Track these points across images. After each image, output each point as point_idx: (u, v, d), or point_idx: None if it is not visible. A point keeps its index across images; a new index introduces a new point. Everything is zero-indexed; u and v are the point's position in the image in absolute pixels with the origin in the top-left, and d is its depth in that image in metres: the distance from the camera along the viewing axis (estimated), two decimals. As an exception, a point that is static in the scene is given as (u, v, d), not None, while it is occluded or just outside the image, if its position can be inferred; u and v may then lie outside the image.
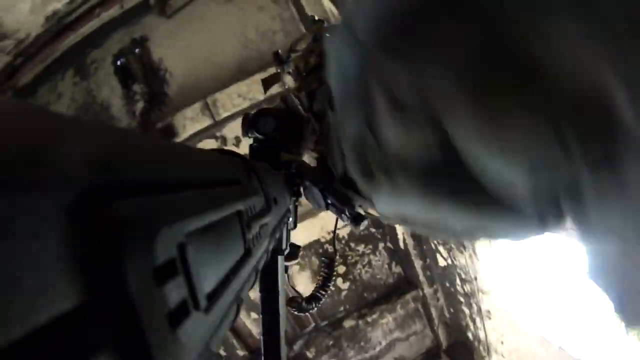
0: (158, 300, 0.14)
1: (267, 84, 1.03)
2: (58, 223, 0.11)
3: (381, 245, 3.43)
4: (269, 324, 0.68)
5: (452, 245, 2.91)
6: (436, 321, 3.59)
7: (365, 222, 0.75)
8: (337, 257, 1.05)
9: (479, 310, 3.00)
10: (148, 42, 2.83)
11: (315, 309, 1.03)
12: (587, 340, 2.00)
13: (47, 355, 0.10)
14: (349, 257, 3.36)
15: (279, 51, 1.01)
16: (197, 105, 2.76)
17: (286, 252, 0.76)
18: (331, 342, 3.40)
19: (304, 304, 1.01)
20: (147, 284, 0.14)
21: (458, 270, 3.06)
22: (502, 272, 2.53)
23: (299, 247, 0.88)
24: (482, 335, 3.13)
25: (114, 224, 0.12)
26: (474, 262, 2.78)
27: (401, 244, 3.37)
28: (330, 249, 3.22)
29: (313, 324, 3.44)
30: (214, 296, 0.21)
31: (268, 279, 0.68)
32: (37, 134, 0.11)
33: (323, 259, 1.06)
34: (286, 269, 0.80)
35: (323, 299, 1.02)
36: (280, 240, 0.70)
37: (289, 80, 0.94)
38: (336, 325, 3.42)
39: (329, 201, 0.76)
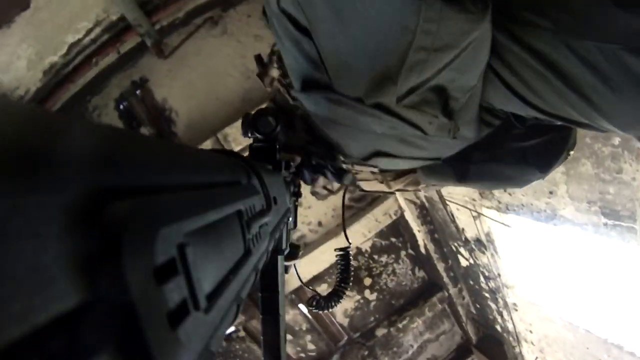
0: (158, 300, 0.14)
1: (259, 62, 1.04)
2: (58, 223, 0.11)
3: (403, 253, 3.53)
4: (269, 324, 0.68)
5: (473, 246, 2.97)
6: (464, 318, 3.73)
7: (349, 176, 0.76)
8: (353, 259, 1.05)
9: (505, 304, 3.08)
10: (148, 82, 2.84)
11: (336, 306, 1.03)
12: (611, 321, 2.07)
13: (47, 355, 0.10)
14: (374, 269, 3.46)
15: (261, 54, 1.03)
16: (209, 142, 2.78)
17: (286, 252, 0.76)
18: (366, 353, 3.52)
19: (322, 302, 1.01)
20: (147, 284, 0.14)
21: (481, 269, 3.12)
22: (524, 266, 2.60)
23: (298, 246, 0.88)
24: (510, 326, 3.22)
25: (114, 224, 0.12)
26: (495, 260, 2.84)
27: (422, 250, 3.45)
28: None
29: (346, 337, 3.56)
30: (214, 296, 0.21)
31: (268, 279, 0.68)
32: (37, 135, 0.11)
33: (335, 250, 1.06)
34: (286, 268, 0.81)
35: (344, 294, 1.01)
36: (280, 240, 0.70)
37: (274, 73, 0.95)
38: (369, 336, 3.53)
39: (313, 162, 0.77)
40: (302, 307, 3.32)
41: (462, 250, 3.20)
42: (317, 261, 3.13)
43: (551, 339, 2.77)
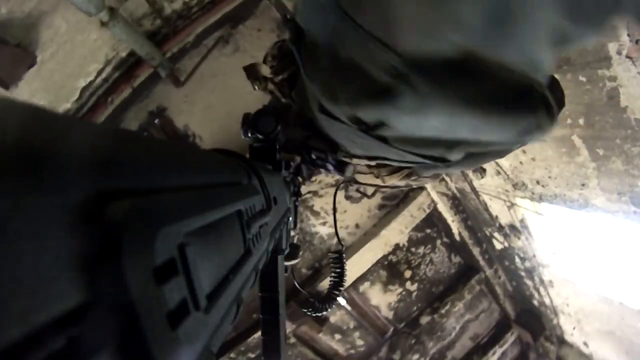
0: (158, 300, 0.14)
1: (249, 73, 1.04)
2: (59, 223, 0.11)
3: (438, 242, 3.65)
4: (269, 324, 0.68)
5: (508, 232, 3.11)
6: (501, 296, 3.90)
7: (350, 167, 0.76)
8: (344, 253, 1.04)
9: (541, 281, 3.24)
10: (167, 111, 2.80)
11: (331, 309, 1.03)
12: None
13: (47, 355, 0.10)
14: (412, 261, 3.60)
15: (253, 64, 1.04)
16: (238, 162, 2.79)
17: (286, 252, 0.76)
18: (413, 341, 3.71)
19: (317, 304, 1.02)
20: (147, 284, 0.14)
21: (516, 252, 3.27)
22: (558, 246, 2.75)
23: (298, 246, 0.88)
24: (547, 301, 3.40)
25: (114, 224, 0.12)
26: (530, 242, 2.97)
27: (457, 237, 3.59)
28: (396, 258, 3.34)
29: (392, 328, 3.72)
30: (214, 296, 0.21)
31: (268, 279, 0.68)
32: (38, 135, 0.11)
33: (330, 254, 1.06)
34: (286, 269, 0.80)
35: (338, 297, 1.02)
36: (280, 240, 0.70)
37: (265, 71, 0.95)
38: (414, 324, 3.73)
39: (313, 156, 0.77)
40: (347, 306, 3.45)
41: (496, 234, 3.34)
42: (360, 263, 3.26)
43: (587, 311, 2.93)
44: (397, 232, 3.32)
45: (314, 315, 1.04)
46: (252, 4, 2.76)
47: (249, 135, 0.78)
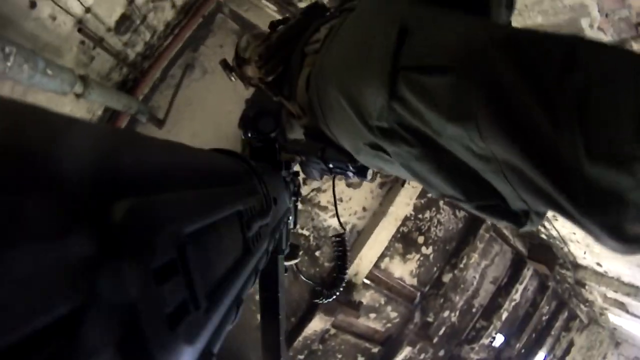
0: (158, 301, 0.14)
1: (224, 66, 1.04)
2: (59, 224, 0.11)
3: (440, 202, 3.83)
4: (269, 324, 0.68)
5: None
6: (510, 237, 4.18)
7: (370, 172, 0.76)
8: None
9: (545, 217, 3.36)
10: None
11: (340, 292, 1.04)
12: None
13: (48, 356, 0.10)
14: (422, 227, 3.80)
15: (225, 59, 1.04)
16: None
17: (286, 252, 0.76)
18: (442, 300, 3.99)
19: (325, 291, 1.03)
20: (147, 284, 0.14)
21: None
22: None
23: (298, 246, 0.88)
24: (554, 233, 3.63)
25: (114, 225, 0.12)
26: None
27: None
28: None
29: (419, 293, 3.97)
30: (214, 296, 0.21)
31: (268, 279, 0.68)
32: (37, 135, 0.11)
33: (332, 238, 1.07)
34: (286, 269, 0.81)
35: (345, 278, 1.03)
36: (280, 240, 0.70)
37: (252, 72, 0.95)
38: (438, 285, 4.00)
39: (331, 165, 0.77)
40: (375, 286, 3.63)
41: None
42: (376, 244, 3.42)
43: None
44: (404, 205, 3.47)
45: (327, 302, 1.05)
46: (207, 22, 2.74)
47: (249, 135, 0.78)
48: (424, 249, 3.85)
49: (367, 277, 3.53)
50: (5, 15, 1.52)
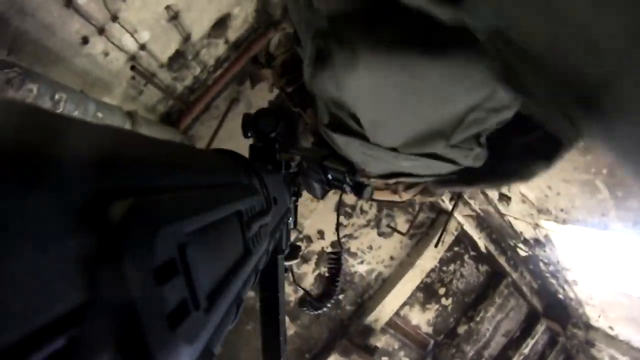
0: (158, 300, 0.14)
1: (253, 79, 1.05)
2: (59, 223, 0.11)
3: (466, 257, 3.94)
4: (269, 324, 0.68)
5: (532, 244, 3.34)
6: (528, 294, 4.22)
7: (368, 189, 0.76)
8: (342, 254, 1.05)
9: (565, 280, 3.53)
10: None
11: (329, 306, 1.03)
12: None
13: (48, 356, 0.10)
14: (445, 279, 3.89)
15: (257, 55, 1.03)
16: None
17: (286, 252, 0.76)
18: (454, 350, 4.01)
19: (314, 302, 1.02)
20: (147, 284, 0.14)
21: (540, 258, 3.53)
22: (581, 251, 2.94)
23: (298, 246, 0.88)
24: (572, 295, 3.70)
25: (114, 224, 0.12)
26: (553, 251, 3.21)
27: (483, 249, 3.85)
28: None
29: (432, 341, 4.03)
30: (214, 296, 0.21)
31: (268, 279, 0.68)
32: (38, 135, 0.11)
33: (328, 252, 1.06)
34: (286, 269, 0.81)
35: (335, 294, 1.03)
36: (280, 240, 0.70)
37: (274, 78, 0.95)
38: (452, 335, 4.05)
39: (330, 176, 0.77)
40: (392, 331, 3.75)
41: (520, 245, 3.60)
42: (400, 294, 3.54)
43: (609, 303, 3.27)
44: (431, 259, 3.57)
45: (314, 312, 1.05)
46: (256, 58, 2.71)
47: (249, 135, 0.78)
48: (443, 300, 3.94)
49: (388, 324, 3.65)
50: (56, 51, 1.49)
